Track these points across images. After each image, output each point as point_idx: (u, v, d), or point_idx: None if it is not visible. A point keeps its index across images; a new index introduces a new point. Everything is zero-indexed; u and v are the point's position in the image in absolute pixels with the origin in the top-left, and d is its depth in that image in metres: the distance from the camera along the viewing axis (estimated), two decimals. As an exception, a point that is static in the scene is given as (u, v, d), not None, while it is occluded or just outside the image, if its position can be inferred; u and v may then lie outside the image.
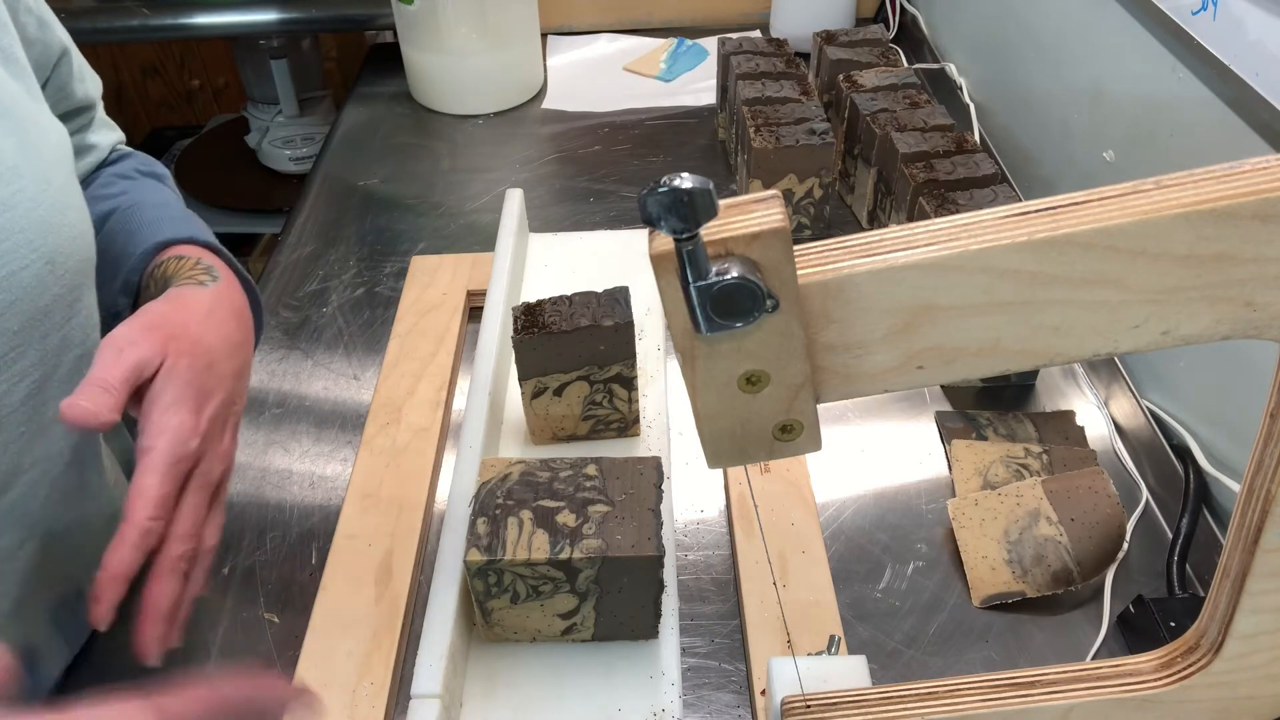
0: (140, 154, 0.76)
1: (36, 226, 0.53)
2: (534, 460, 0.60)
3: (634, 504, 0.57)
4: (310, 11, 1.39)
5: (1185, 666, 0.44)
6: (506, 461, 0.60)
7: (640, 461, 0.60)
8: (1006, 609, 0.64)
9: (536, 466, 0.60)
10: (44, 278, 0.54)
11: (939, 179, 0.83)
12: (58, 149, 0.58)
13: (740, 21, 1.38)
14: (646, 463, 0.60)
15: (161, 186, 0.73)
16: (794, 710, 0.50)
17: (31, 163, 0.54)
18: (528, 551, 0.55)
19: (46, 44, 0.64)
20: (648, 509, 0.57)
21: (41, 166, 0.55)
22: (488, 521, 0.57)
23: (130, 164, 0.74)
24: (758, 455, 0.39)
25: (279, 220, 1.58)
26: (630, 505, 0.57)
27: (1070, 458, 0.73)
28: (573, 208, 1.04)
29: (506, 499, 0.58)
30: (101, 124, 0.73)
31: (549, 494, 0.58)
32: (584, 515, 0.57)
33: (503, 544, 0.55)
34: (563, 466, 0.60)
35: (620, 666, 0.60)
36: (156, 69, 2.16)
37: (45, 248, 0.53)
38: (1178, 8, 0.73)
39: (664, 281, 0.33)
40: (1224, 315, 0.33)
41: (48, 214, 0.54)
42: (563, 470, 0.59)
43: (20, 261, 0.52)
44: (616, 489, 0.58)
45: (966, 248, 0.32)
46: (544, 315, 0.68)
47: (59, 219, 0.55)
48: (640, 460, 0.60)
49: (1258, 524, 0.38)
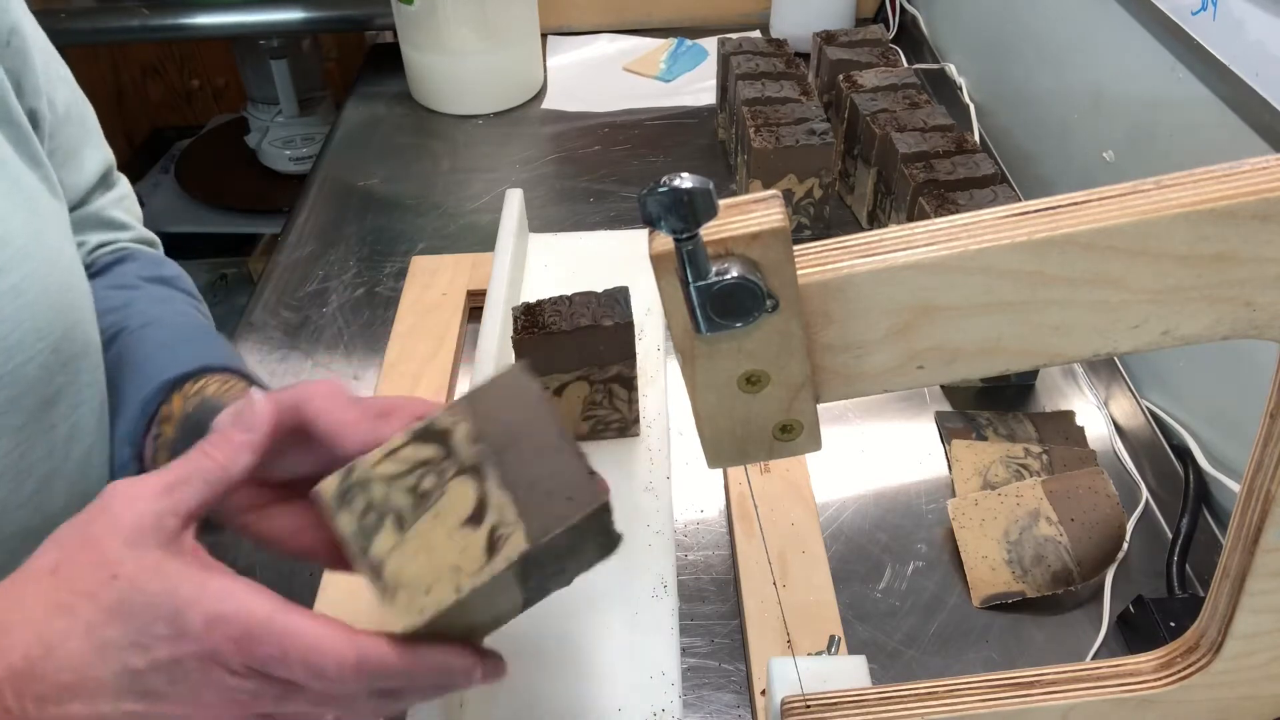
0: (146, 251, 0.67)
1: (44, 314, 0.50)
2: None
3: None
4: (310, 11, 1.39)
5: (1185, 666, 0.44)
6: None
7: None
8: (1006, 609, 0.64)
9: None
10: (50, 366, 0.50)
11: (939, 179, 0.83)
12: (62, 223, 0.55)
13: (740, 21, 1.38)
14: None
15: (170, 295, 0.64)
16: (794, 710, 0.50)
17: (40, 242, 0.50)
18: (386, 448, 0.43)
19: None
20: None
21: (50, 243, 0.51)
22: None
23: (132, 268, 0.64)
24: (758, 455, 0.39)
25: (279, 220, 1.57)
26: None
27: (1070, 458, 0.73)
28: (573, 208, 1.04)
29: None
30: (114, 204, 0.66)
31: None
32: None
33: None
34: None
35: (620, 666, 0.60)
36: (156, 69, 2.16)
37: (51, 335, 0.50)
38: (1178, 8, 0.73)
39: (664, 281, 0.33)
40: (1224, 315, 0.33)
41: (56, 297, 0.51)
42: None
43: (26, 354, 0.49)
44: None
45: (966, 248, 0.32)
46: (544, 315, 0.68)
47: (65, 301, 0.51)
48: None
49: (1258, 524, 0.38)
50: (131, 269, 0.64)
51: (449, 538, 0.41)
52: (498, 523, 0.41)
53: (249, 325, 0.90)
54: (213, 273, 1.86)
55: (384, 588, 0.40)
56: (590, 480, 0.41)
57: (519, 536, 0.40)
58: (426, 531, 0.41)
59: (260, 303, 0.92)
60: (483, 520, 0.41)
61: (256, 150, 1.79)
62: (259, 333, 0.89)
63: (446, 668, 0.41)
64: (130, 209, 0.68)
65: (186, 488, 0.40)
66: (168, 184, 1.94)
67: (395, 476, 0.42)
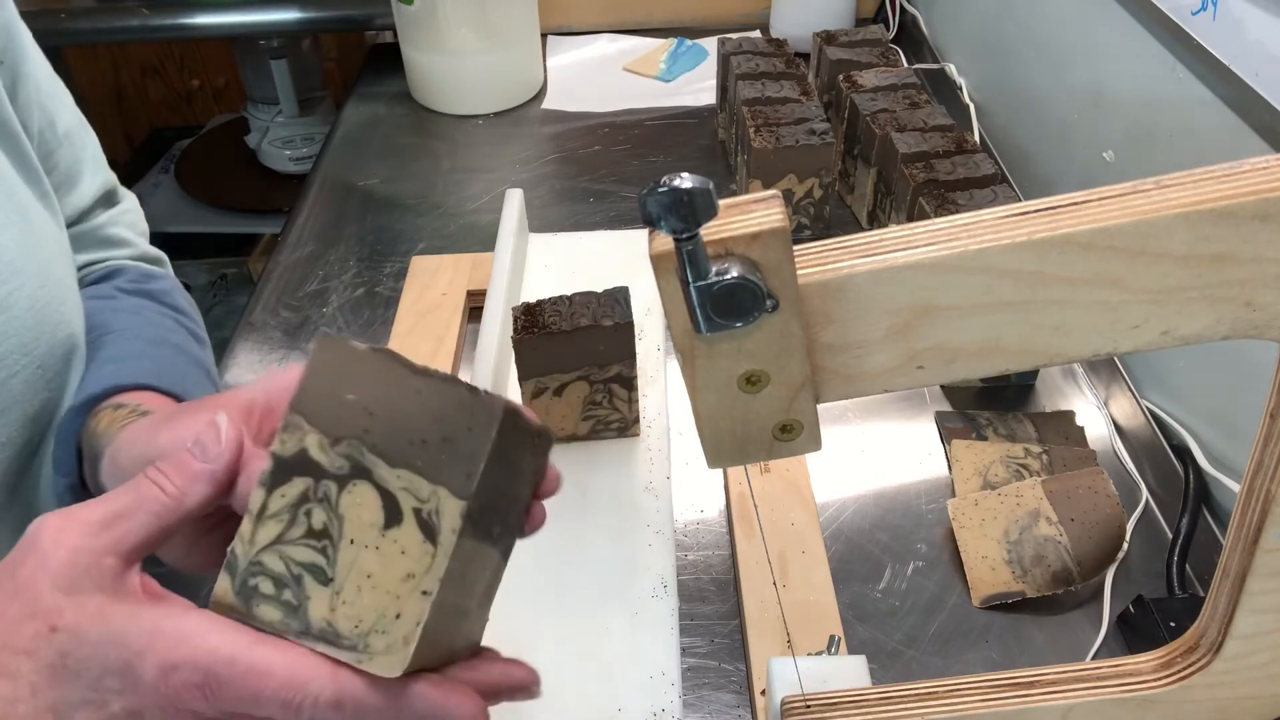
0: (136, 266, 0.65)
1: (30, 329, 0.49)
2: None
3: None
4: (310, 11, 1.39)
5: (1185, 666, 0.44)
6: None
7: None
8: (1006, 609, 0.64)
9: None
10: (34, 383, 0.49)
11: (939, 179, 0.83)
12: (58, 238, 0.54)
13: (740, 21, 1.38)
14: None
15: (142, 307, 0.61)
16: (794, 710, 0.50)
17: (32, 256, 0.50)
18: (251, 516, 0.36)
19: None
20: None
21: (42, 258, 0.50)
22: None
23: (116, 282, 0.62)
24: (758, 455, 0.39)
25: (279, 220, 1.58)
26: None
27: (1070, 458, 0.73)
28: (573, 208, 1.04)
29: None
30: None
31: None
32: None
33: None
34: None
35: (620, 666, 0.60)
36: (156, 69, 2.16)
37: (37, 351, 0.49)
38: (1178, 8, 0.73)
39: (664, 281, 0.33)
40: (1224, 315, 0.33)
41: (43, 313, 0.49)
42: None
43: (10, 369, 0.48)
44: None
45: (966, 248, 0.32)
46: (544, 315, 0.68)
47: (53, 317, 0.50)
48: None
49: (1258, 524, 0.38)
50: (114, 283, 0.62)
51: (380, 554, 0.35)
52: (417, 504, 0.35)
53: (249, 325, 0.90)
54: (213, 273, 1.86)
55: (353, 647, 0.34)
56: (476, 397, 0.35)
57: (448, 501, 0.34)
58: (352, 563, 0.35)
59: (260, 303, 0.92)
60: (400, 513, 0.35)
61: (256, 150, 1.79)
62: (259, 333, 0.89)
63: (442, 713, 0.34)
64: (134, 225, 0.67)
65: (128, 522, 0.35)
66: (168, 184, 1.94)
67: (281, 537, 0.35)
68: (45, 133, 0.58)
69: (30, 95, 0.56)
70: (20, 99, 0.55)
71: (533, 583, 0.65)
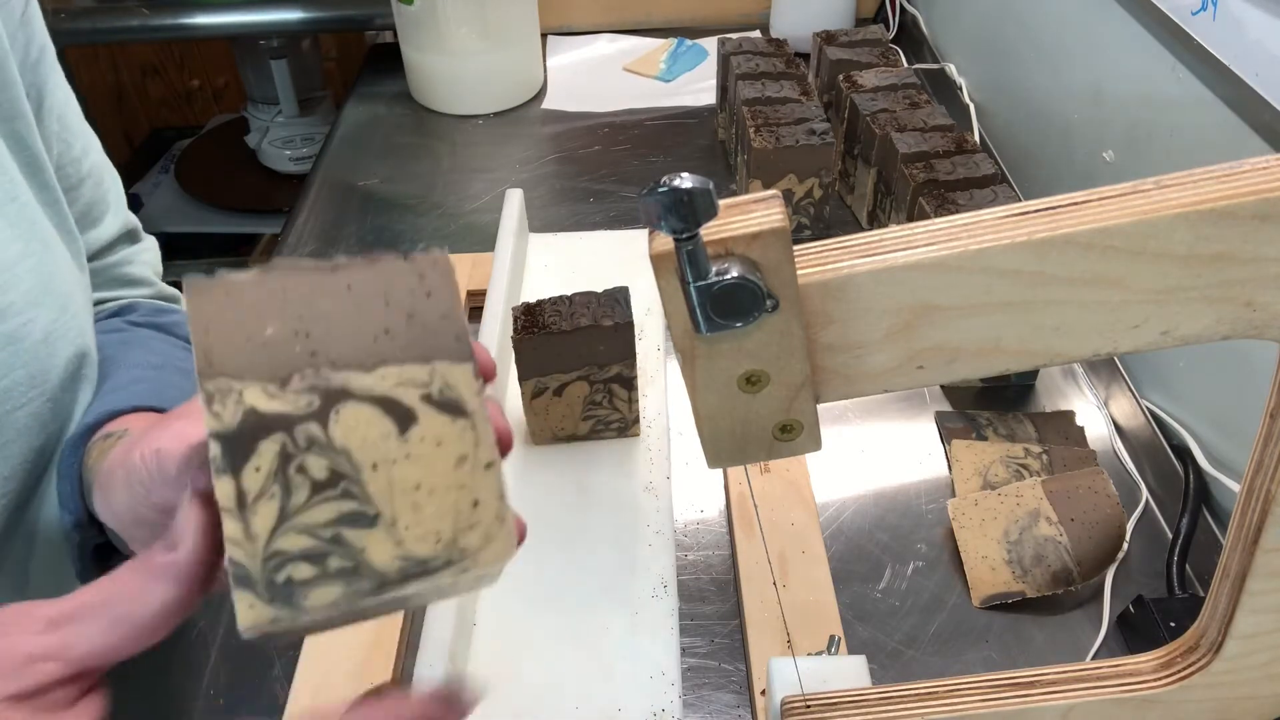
0: (149, 302, 0.64)
1: (42, 361, 0.48)
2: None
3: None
4: (310, 11, 1.39)
5: (1185, 666, 0.44)
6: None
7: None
8: (1006, 609, 0.64)
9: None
10: (42, 414, 0.49)
11: (939, 179, 0.83)
12: (77, 271, 0.54)
13: (740, 21, 1.38)
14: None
15: (150, 337, 0.60)
16: (794, 710, 0.50)
17: (49, 289, 0.49)
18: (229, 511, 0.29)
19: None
20: None
21: (59, 290, 0.50)
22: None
23: (129, 316, 0.62)
24: (758, 455, 0.39)
25: (279, 220, 1.58)
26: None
27: (1070, 458, 0.73)
28: (573, 208, 1.04)
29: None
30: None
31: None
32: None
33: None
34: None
35: (620, 666, 0.60)
36: (156, 69, 2.16)
37: (48, 384, 0.49)
38: (1178, 8, 0.73)
39: (664, 281, 0.33)
40: (1224, 315, 0.33)
41: (56, 346, 0.49)
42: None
43: (17, 401, 0.47)
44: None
45: (966, 248, 0.32)
46: (544, 315, 0.68)
47: (66, 350, 0.50)
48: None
49: (1258, 524, 0.38)
50: (126, 318, 0.62)
51: (415, 460, 0.30)
52: (423, 391, 0.30)
53: (249, 325, 0.90)
54: (213, 273, 1.85)
55: (448, 561, 0.29)
56: (411, 260, 0.31)
57: (452, 370, 0.30)
58: (390, 485, 0.29)
59: (260, 303, 0.92)
60: (410, 411, 0.30)
61: (256, 150, 1.79)
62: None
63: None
64: (152, 264, 0.67)
65: (81, 625, 0.29)
66: (168, 184, 1.94)
67: (285, 511, 0.29)
68: (69, 168, 0.58)
69: (51, 128, 0.56)
70: (40, 130, 0.55)
71: (533, 583, 0.65)
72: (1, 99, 0.51)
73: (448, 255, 0.31)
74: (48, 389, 0.49)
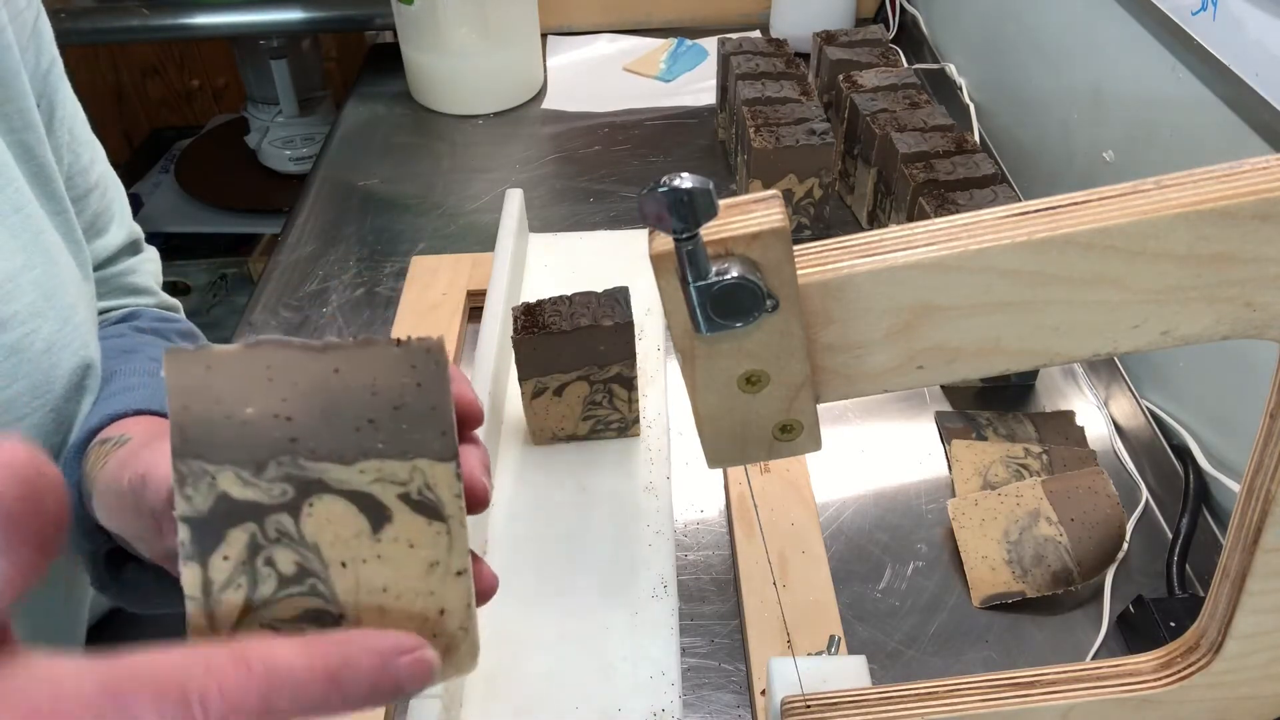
0: (151, 310, 0.64)
1: (45, 372, 0.48)
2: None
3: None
4: (310, 11, 1.39)
5: (1185, 666, 0.44)
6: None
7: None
8: (1006, 609, 0.64)
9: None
10: (44, 425, 0.49)
11: (939, 179, 0.83)
12: (82, 281, 0.53)
13: (740, 21, 1.38)
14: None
15: (153, 342, 0.60)
16: (794, 710, 0.50)
17: (53, 300, 0.49)
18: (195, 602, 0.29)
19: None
20: None
21: (64, 303, 0.50)
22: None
23: (132, 323, 0.62)
24: (758, 455, 0.39)
25: (279, 220, 1.58)
26: None
27: (1070, 458, 0.73)
28: (573, 208, 1.04)
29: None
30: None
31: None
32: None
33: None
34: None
35: (620, 667, 0.60)
36: (156, 69, 2.16)
37: (51, 395, 0.48)
38: (1178, 8, 0.73)
39: (664, 281, 0.33)
40: (1224, 315, 0.33)
41: (59, 357, 0.49)
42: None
43: (19, 412, 0.47)
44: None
45: (966, 248, 0.32)
46: (544, 315, 0.68)
47: (70, 361, 0.50)
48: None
49: (1258, 524, 0.38)
50: (129, 324, 0.62)
51: (385, 561, 0.29)
52: (400, 489, 0.29)
53: (249, 325, 0.90)
54: (213, 273, 1.85)
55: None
56: (407, 347, 0.29)
57: (434, 468, 0.29)
58: (356, 586, 0.29)
59: (260, 303, 0.93)
60: (385, 509, 0.29)
61: (256, 150, 1.79)
62: (259, 333, 0.89)
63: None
64: (155, 274, 0.67)
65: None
66: (168, 184, 1.94)
67: (250, 604, 0.29)
68: (78, 178, 0.58)
69: (62, 139, 0.56)
70: (50, 141, 0.55)
71: (533, 583, 0.65)
72: (11, 111, 0.51)
73: (443, 342, 0.29)
74: (50, 400, 0.49)
